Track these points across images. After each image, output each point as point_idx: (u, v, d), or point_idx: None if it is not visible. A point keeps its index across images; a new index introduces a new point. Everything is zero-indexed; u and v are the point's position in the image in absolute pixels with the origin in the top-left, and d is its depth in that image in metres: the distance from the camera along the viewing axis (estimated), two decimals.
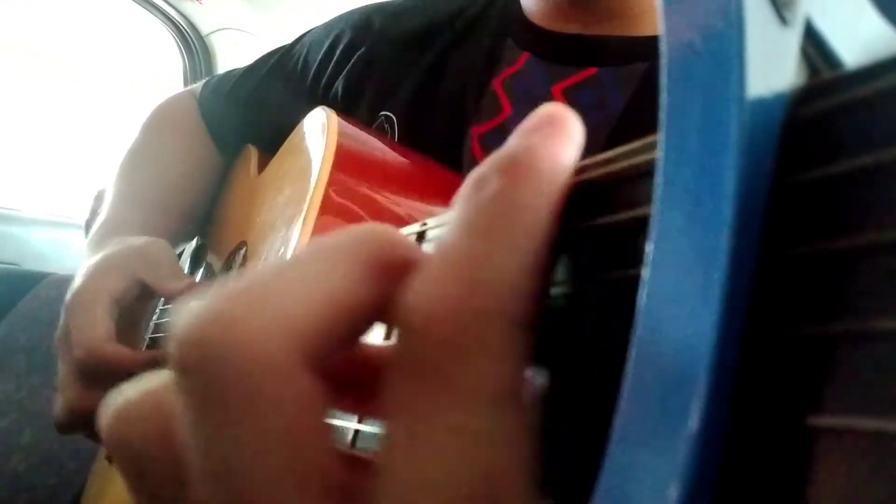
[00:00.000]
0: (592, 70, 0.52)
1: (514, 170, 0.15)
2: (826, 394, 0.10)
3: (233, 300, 0.14)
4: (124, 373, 0.52)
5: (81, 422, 0.54)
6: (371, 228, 0.16)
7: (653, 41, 0.12)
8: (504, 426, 0.13)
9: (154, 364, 0.55)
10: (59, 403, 0.55)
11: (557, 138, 0.16)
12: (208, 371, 0.13)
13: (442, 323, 0.13)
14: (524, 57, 0.56)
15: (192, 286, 0.57)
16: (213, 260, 0.71)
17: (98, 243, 0.63)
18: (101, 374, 0.51)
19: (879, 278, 0.10)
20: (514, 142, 0.16)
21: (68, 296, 0.56)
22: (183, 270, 0.60)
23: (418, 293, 0.14)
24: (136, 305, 0.57)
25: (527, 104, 0.54)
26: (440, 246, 0.14)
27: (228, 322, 0.13)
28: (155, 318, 0.72)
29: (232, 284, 0.14)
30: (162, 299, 0.67)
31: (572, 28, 0.55)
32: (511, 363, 0.13)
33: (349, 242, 0.15)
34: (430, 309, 0.13)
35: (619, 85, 0.51)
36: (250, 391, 0.13)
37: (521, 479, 0.13)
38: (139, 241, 0.61)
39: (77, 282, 0.57)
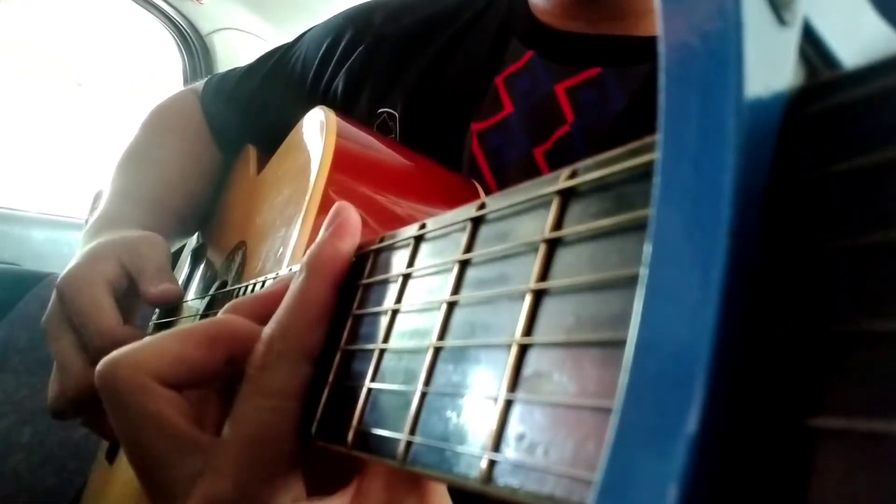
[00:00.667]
0: (596, 70, 0.52)
1: (310, 265, 0.27)
2: (826, 395, 0.10)
3: (120, 352, 0.28)
4: None
5: (83, 404, 0.53)
6: (215, 320, 0.30)
7: (657, 42, 0.13)
8: (282, 406, 0.26)
9: None
10: (58, 388, 0.54)
11: (339, 235, 0.28)
12: (105, 388, 0.27)
13: (258, 356, 0.26)
14: (528, 55, 0.55)
15: (165, 292, 0.56)
16: (214, 259, 0.71)
17: (94, 235, 0.63)
18: None
19: (878, 279, 0.10)
20: (318, 237, 0.28)
21: (60, 279, 0.55)
22: (170, 271, 0.59)
23: (258, 342, 0.27)
24: (127, 295, 0.57)
25: (529, 102, 0.54)
26: (273, 316, 0.27)
27: (112, 362, 0.27)
28: (154, 318, 0.72)
29: (126, 346, 0.28)
30: None
31: (578, 27, 0.54)
32: (289, 377, 0.26)
33: (196, 327, 0.29)
34: (255, 351, 0.27)
35: (623, 85, 0.51)
36: (120, 395, 0.27)
37: (289, 436, 0.26)
38: (134, 234, 0.61)
39: (71, 265, 0.56)
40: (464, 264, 0.21)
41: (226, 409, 0.29)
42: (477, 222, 0.21)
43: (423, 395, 0.20)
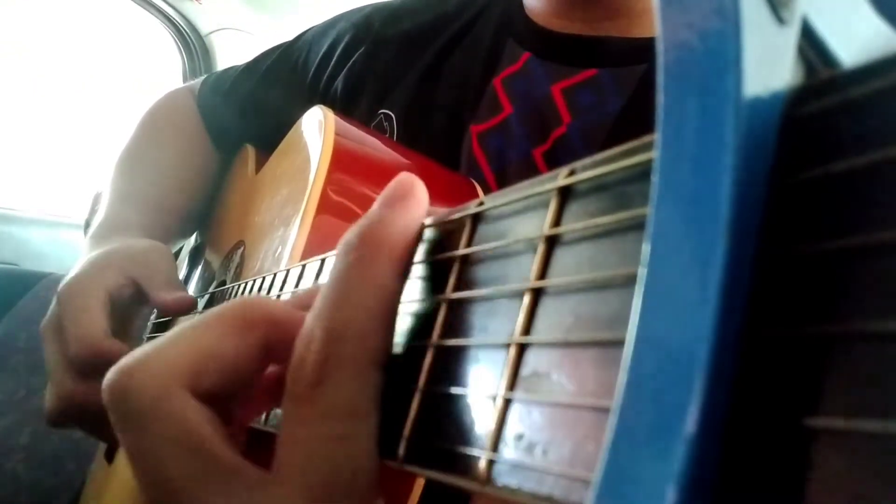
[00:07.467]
0: (592, 71, 0.52)
1: (370, 240, 0.21)
2: (824, 395, 0.10)
3: (134, 357, 0.22)
4: None
5: (74, 413, 0.52)
6: (243, 301, 0.23)
7: (653, 43, 0.12)
8: (353, 431, 0.20)
9: None
10: (51, 394, 0.53)
11: (407, 209, 0.21)
12: (117, 405, 0.21)
13: (310, 367, 0.20)
14: (525, 56, 0.56)
15: (181, 301, 0.56)
16: (212, 258, 0.71)
17: (98, 241, 0.63)
18: (96, 368, 0.51)
19: (877, 279, 0.10)
20: (374, 211, 0.21)
21: (62, 285, 0.55)
22: (178, 279, 0.60)
23: (297, 343, 0.21)
24: (129, 305, 0.57)
25: (527, 103, 0.54)
26: (315, 306, 0.21)
27: (127, 371, 0.21)
28: (153, 317, 0.72)
29: (140, 348, 0.22)
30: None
31: (574, 28, 0.54)
32: (356, 391, 0.20)
33: (222, 312, 0.23)
34: (300, 355, 0.20)
35: (619, 86, 0.51)
36: (143, 412, 0.21)
37: (367, 464, 0.20)
38: (141, 243, 0.61)
39: (72, 273, 0.56)
40: (462, 262, 0.21)
41: (258, 435, 0.23)
42: (476, 220, 0.21)
43: (423, 393, 0.20)
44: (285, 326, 0.22)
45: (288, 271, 0.37)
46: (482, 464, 0.16)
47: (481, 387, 0.17)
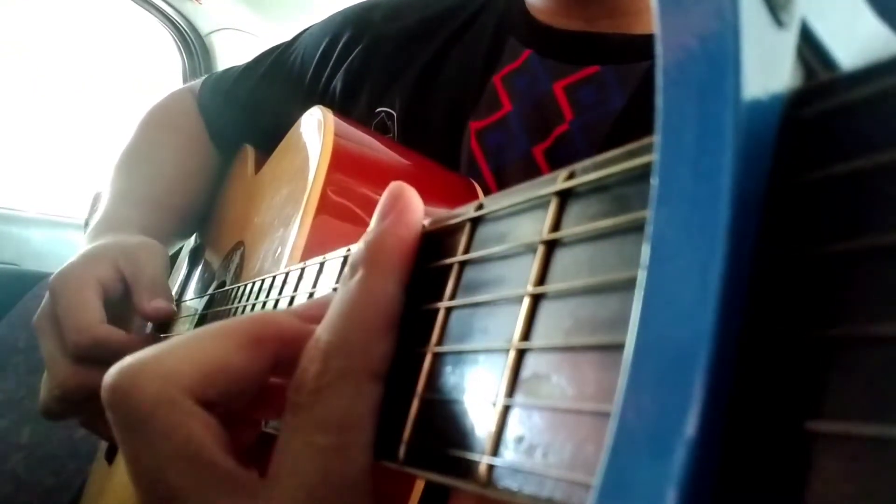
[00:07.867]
0: (594, 68, 0.52)
1: (370, 259, 0.22)
2: (825, 398, 0.10)
3: (138, 358, 0.22)
4: (118, 354, 0.52)
5: (72, 403, 0.52)
6: (255, 318, 0.24)
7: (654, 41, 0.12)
8: (345, 442, 0.20)
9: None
10: (47, 386, 0.53)
11: (402, 217, 0.22)
12: (118, 405, 0.21)
13: (311, 377, 0.21)
14: (526, 53, 0.55)
15: (159, 311, 0.56)
16: (212, 259, 0.71)
17: (95, 237, 0.63)
18: (94, 356, 0.51)
19: (878, 282, 0.10)
20: (371, 228, 0.22)
21: (53, 277, 0.55)
22: (165, 284, 0.59)
23: (302, 356, 0.21)
24: (121, 299, 0.57)
25: (527, 101, 0.54)
26: (322, 322, 0.22)
27: (130, 372, 0.21)
28: None
29: (144, 350, 0.22)
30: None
31: (575, 25, 0.54)
32: (351, 404, 0.20)
33: (235, 327, 0.23)
34: (303, 366, 0.21)
35: (621, 83, 0.51)
36: (143, 415, 0.21)
37: (358, 475, 0.20)
38: (133, 239, 0.61)
39: (66, 264, 0.56)
40: (462, 265, 0.21)
41: (267, 437, 0.23)
42: (474, 224, 0.21)
43: (423, 396, 0.20)
44: (295, 343, 0.23)
45: (287, 273, 0.37)
46: (483, 466, 0.16)
47: (482, 389, 0.17)
